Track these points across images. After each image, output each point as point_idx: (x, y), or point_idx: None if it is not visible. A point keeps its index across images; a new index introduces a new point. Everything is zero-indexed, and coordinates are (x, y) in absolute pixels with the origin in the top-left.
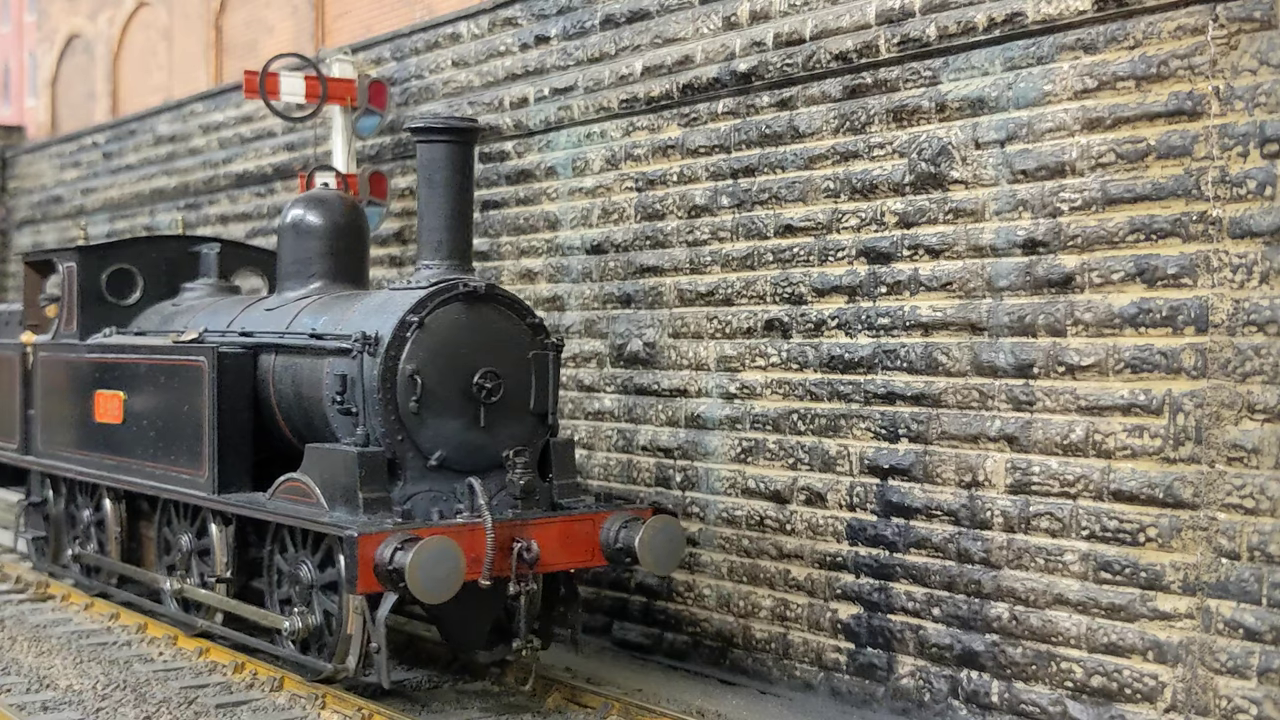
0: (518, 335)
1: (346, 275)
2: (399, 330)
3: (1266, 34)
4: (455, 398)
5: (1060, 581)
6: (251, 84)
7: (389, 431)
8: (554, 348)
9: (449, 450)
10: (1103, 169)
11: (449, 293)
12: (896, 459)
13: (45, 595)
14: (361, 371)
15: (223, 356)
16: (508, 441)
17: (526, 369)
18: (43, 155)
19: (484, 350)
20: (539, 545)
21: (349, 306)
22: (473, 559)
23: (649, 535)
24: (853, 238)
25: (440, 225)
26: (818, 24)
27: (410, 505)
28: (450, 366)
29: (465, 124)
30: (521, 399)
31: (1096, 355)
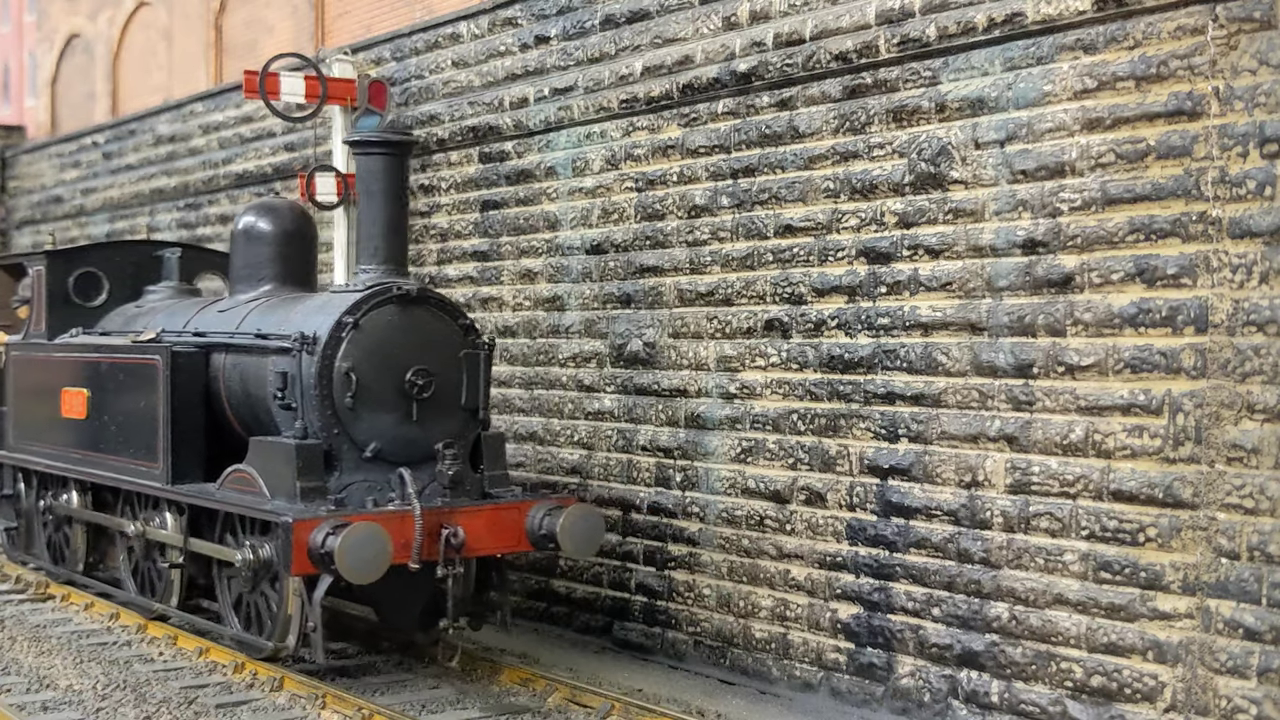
0: (449, 335)
1: (295, 278)
2: (335, 330)
3: (1266, 34)
4: (389, 393)
5: (1060, 581)
6: (251, 84)
7: (325, 425)
8: (484, 347)
9: (383, 443)
10: (1102, 169)
11: (383, 295)
12: (896, 459)
13: (45, 595)
14: (300, 369)
15: (176, 355)
16: (439, 435)
17: (458, 367)
18: (43, 155)
19: (416, 349)
20: (466, 531)
21: (293, 308)
22: (402, 544)
23: (569, 522)
24: (853, 238)
25: (377, 232)
26: (818, 24)
27: (345, 494)
28: (384, 364)
29: (400, 138)
30: (453, 395)
31: (1096, 355)
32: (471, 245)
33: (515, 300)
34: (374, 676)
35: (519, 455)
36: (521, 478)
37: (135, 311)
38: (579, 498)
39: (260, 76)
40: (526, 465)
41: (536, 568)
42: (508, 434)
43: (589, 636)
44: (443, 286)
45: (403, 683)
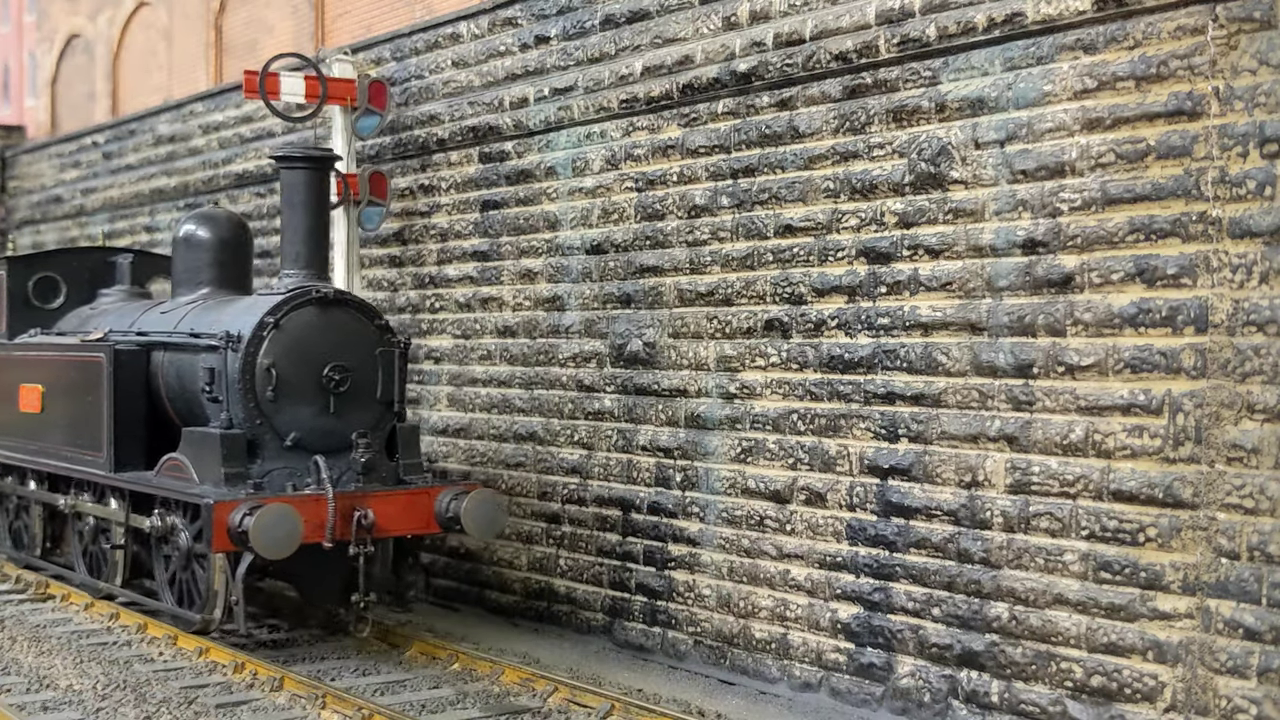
0: (366, 334)
1: (231, 282)
2: (257, 330)
3: (1266, 34)
4: (308, 387)
5: (1060, 581)
6: (251, 84)
7: (248, 416)
8: (399, 345)
9: (302, 433)
10: (1102, 169)
11: (303, 297)
12: (896, 459)
13: (45, 595)
14: (226, 365)
15: (119, 354)
16: (355, 426)
17: (374, 364)
18: (43, 155)
19: (334, 347)
20: (377, 514)
21: (224, 309)
22: (316, 525)
23: (471, 505)
24: (853, 238)
25: (298, 240)
26: (818, 24)
27: (267, 479)
28: (303, 360)
29: (321, 154)
30: (369, 389)
31: (1096, 355)
32: (471, 245)
33: (515, 300)
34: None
35: (519, 455)
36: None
37: (89, 313)
38: (484, 484)
39: (260, 76)
40: (527, 465)
41: (537, 568)
42: (508, 433)
43: (589, 636)
44: (443, 286)
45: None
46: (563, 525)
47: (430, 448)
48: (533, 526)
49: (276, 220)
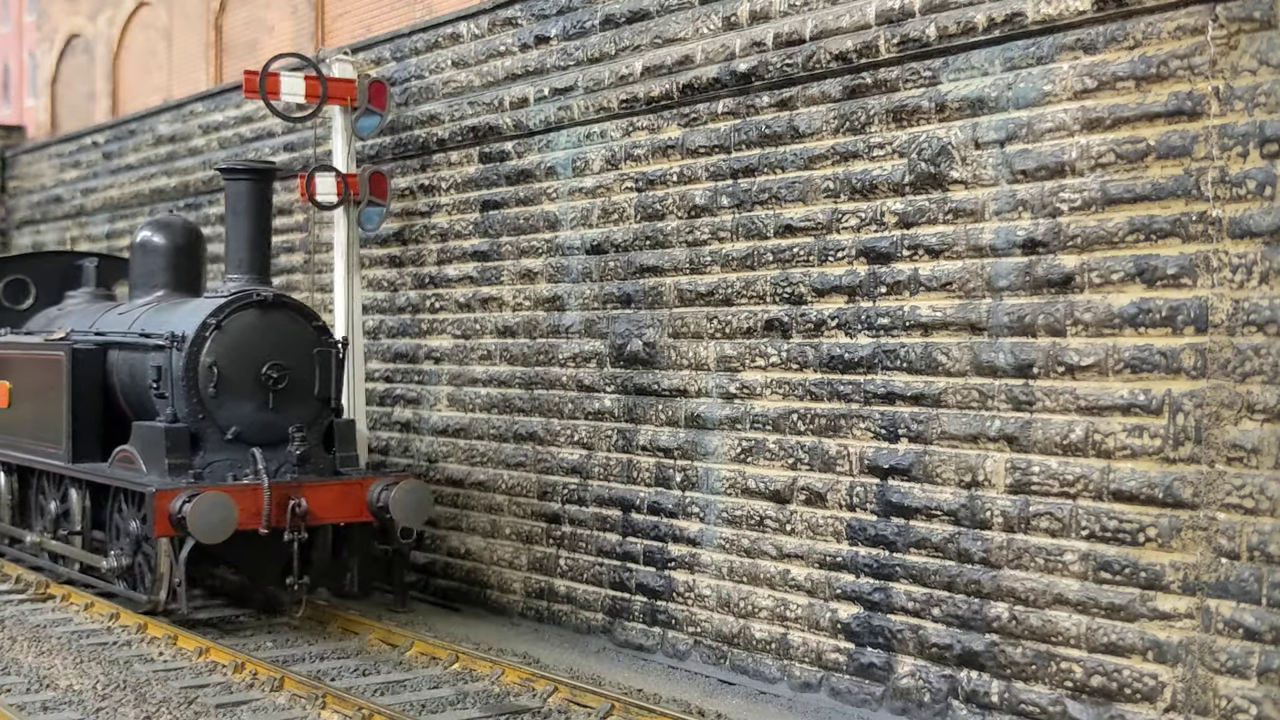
0: (304, 335)
1: (184, 285)
2: (200, 330)
3: (1266, 34)
4: (248, 384)
5: (1060, 581)
6: (251, 84)
7: (192, 411)
8: (336, 346)
9: (243, 426)
10: (1102, 169)
11: (244, 300)
12: (896, 459)
13: (45, 595)
14: (171, 363)
15: (77, 352)
16: (293, 420)
17: (311, 362)
18: (43, 155)
19: (273, 347)
20: (311, 502)
21: (173, 311)
22: (252, 512)
23: (399, 494)
24: (853, 238)
25: (241, 246)
26: (818, 24)
27: (208, 470)
28: (243, 359)
29: (263, 166)
30: (306, 386)
31: (1096, 355)
32: (471, 245)
33: (515, 300)
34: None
35: (519, 455)
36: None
37: (56, 314)
38: (414, 475)
39: (260, 76)
40: (527, 465)
41: (537, 568)
42: (508, 433)
43: (589, 636)
44: (443, 286)
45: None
46: (563, 525)
47: (430, 448)
48: (533, 526)
49: (277, 220)
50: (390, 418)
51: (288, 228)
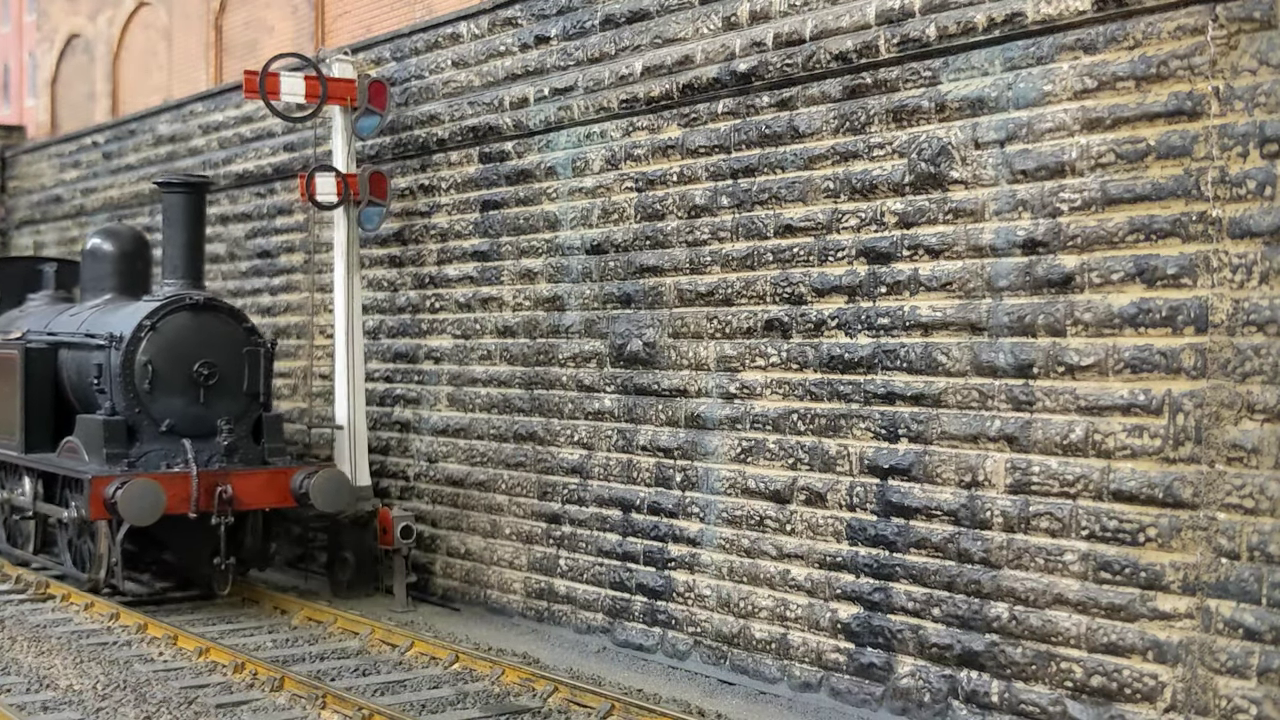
0: (234, 336)
1: (130, 289)
2: (136, 331)
3: (1266, 34)
4: (180, 381)
5: (1060, 581)
6: (251, 84)
7: (129, 405)
8: (264, 345)
9: (175, 419)
10: (1102, 169)
11: (177, 303)
12: (896, 459)
13: (45, 595)
14: (110, 361)
15: (29, 351)
16: (222, 414)
17: (240, 361)
18: (43, 155)
19: (204, 346)
20: (237, 489)
21: (116, 313)
22: (182, 498)
23: (318, 483)
24: (853, 238)
25: (176, 254)
26: (818, 24)
27: (143, 459)
28: (176, 358)
29: (197, 179)
30: (236, 383)
31: (1096, 355)
32: (471, 245)
33: (515, 300)
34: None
35: (519, 455)
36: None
37: (17, 315)
38: (334, 465)
39: (260, 76)
40: (527, 465)
41: (537, 568)
42: (508, 433)
43: (589, 636)
44: (443, 286)
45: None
46: (563, 525)
47: (430, 448)
48: (533, 527)
49: (277, 220)
50: (390, 418)
51: (288, 228)
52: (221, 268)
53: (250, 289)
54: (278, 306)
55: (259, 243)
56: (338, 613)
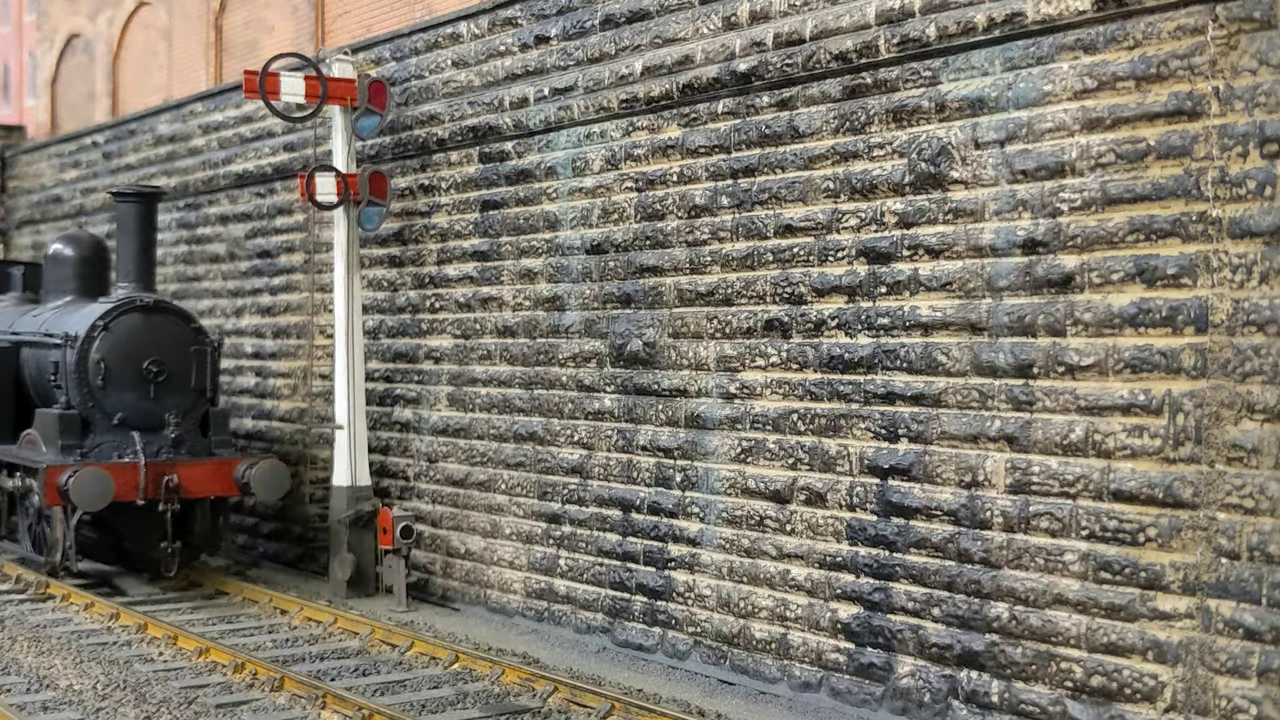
0: (182, 335)
1: (89, 291)
2: (90, 331)
3: (1266, 34)
4: (131, 377)
5: (1060, 581)
6: (251, 84)
7: (83, 400)
8: (211, 345)
9: (127, 413)
10: (1102, 169)
11: (129, 305)
12: (896, 459)
13: (45, 595)
14: (65, 359)
15: None
16: (170, 408)
17: (188, 359)
18: (43, 155)
19: (153, 345)
20: (182, 478)
21: (73, 314)
22: (130, 486)
23: (258, 472)
24: (853, 238)
25: (129, 259)
26: (818, 24)
27: (96, 450)
28: (128, 356)
29: (148, 190)
30: (184, 379)
31: (1096, 355)
32: (471, 245)
33: (515, 300)
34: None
35: (519, 455)
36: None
37: None
38: (276, 456)
39: (260, 76)
40: (527, 465)
41: (537, 568)
42: (508, 433)
43: (589, 636)
44: (443, 286)
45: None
46: (563, 525)
47: (430, 448)
48: (533, 527)
49: (277, 220)
50: (390, 418)
51: (288, 228)
52: (221, 267)
53: (250, 289)
54: (278, 306)
55: (259, 243)
56: (338, 613)
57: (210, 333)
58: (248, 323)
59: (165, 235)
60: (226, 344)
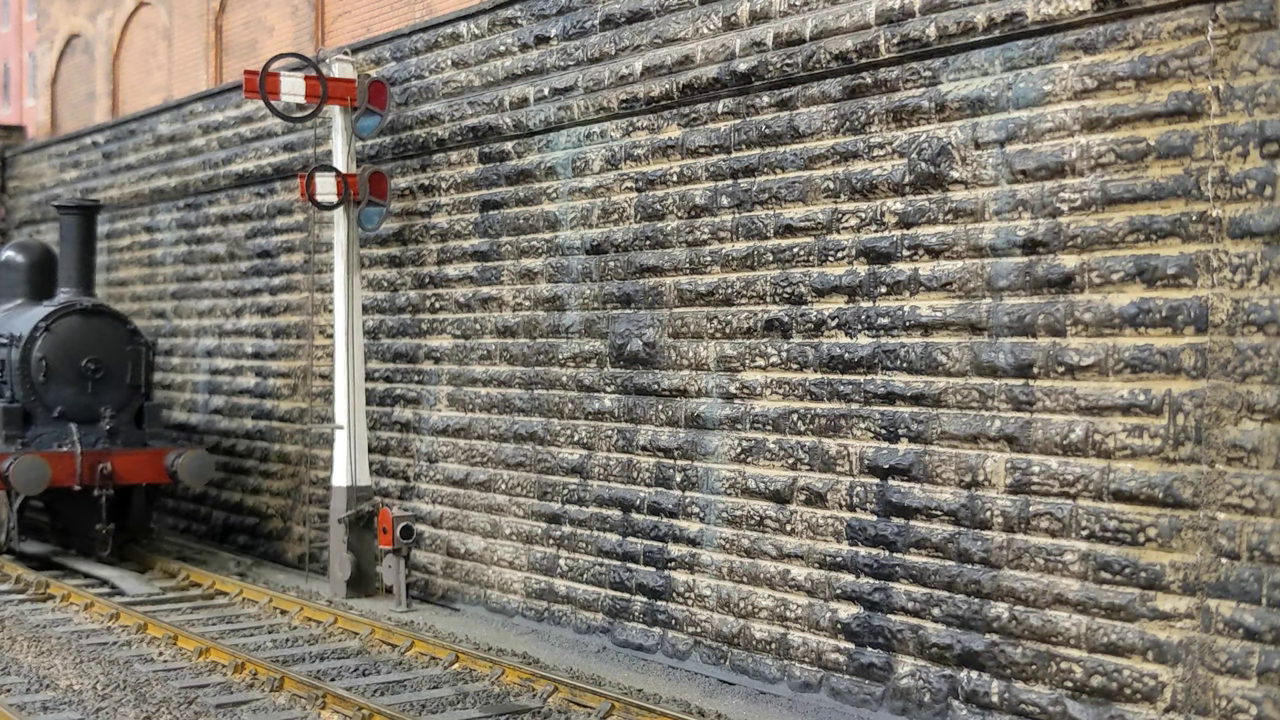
0: (119, 336)
1: (38, 295)
2: (33, 332)
3: (1266, 34)
4: (71, 374)
5: (1060, 581)
6: (251, 84)
7: (26, 394)
8: (146, 344)
9: (66, 407)
10: (1102, 169)
11: (69, 308)
12: (896, 459)
13: (45, 595)
14: (10, 357)
15: None
16: (106, 403)
17: (124, 358)
18: (43, 155)
19: (91, 345)
20: (116, 466)
21: (19, 316)
22: (67, 472)
23: (184, 461)
24: (853, 238)
25: (70, 266)
26: (818, 24)
27: (37, 440)
28: (68, 354)
29: (88, 204)
30: (120, 376)
31: (1096, 355)
32: (471, 245)
33: (515, 300)
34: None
35: (519, 455)
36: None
37: None
38: (204, 447)
39: (260, 76)
40: (527, 465)
41: (537, 568)
42: (508, 433)
43: (589, 636)
44: (443, 286)
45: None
46: (563, 525)
47: (430, 448)
48: (533, 527)
49: (277, 220)
50: (390, 418)
51: (288, 228)
52: (221, 267)
53: (250, 289)
54: (278, 306)
55: (259, 243)
56: (338, 613)
57: (145, 334)
58: (248, 323)
59: (165, 235)
60: (225, 344)
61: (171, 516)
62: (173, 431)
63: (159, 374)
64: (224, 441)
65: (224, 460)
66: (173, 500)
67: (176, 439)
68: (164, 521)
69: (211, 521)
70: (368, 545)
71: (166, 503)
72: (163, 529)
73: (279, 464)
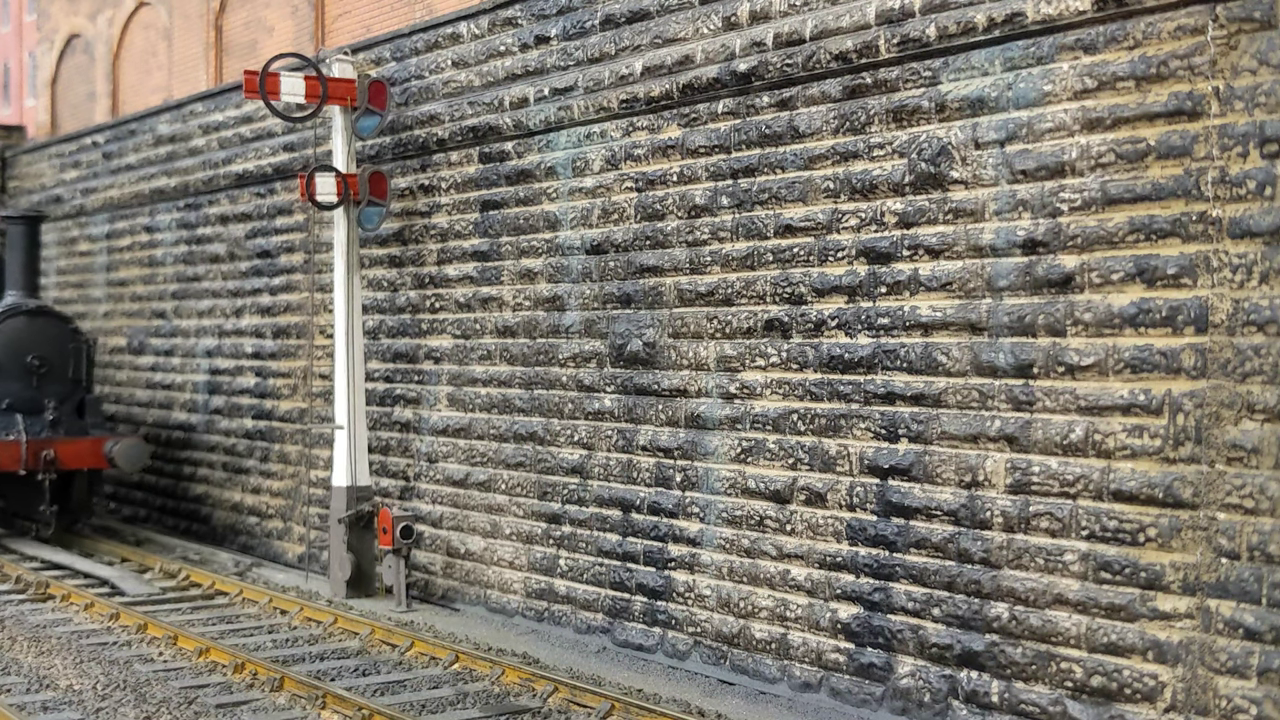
0: (61, 334)
1: None
2: None
3: (1266, 34)
4: (17, 370)
5: (1060, 581)
6: (251, 84)
7: None
8: (86, 342)
9: (12, 400)
10: (1103, 169)
11: (16, 310)
12: (896, 459)
13: (45, 595)
14: None
15: None
16: (50, 395)
17: (66, 355)
18: (43, 155)
19: (36, 343)
20: (59, 453)
21: None
22: (13, 458)
23: (121, 447)
24: (853, 238)
25: (17, 271)
26: (818, 24)
27: None
28: (14, 352)
29: (33, 214)
30: (62, 371)
31: (1096, 355)
32: (471, 245)
33: (515, 300)
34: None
35: (519, 455)
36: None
37: None
38: (141, 436)
39: (260, 76)
40: (527, 465)
41: (537, 568)
42: (508, 433)
43: (589, 636)
44: (443, 286)
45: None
46: (563, 525)
47: (430, 448)
48: (533, 527)
49: (277, 220)
50: (390, 418)
51: (288, 228)
52: (221, 267)
53: (250, 289)
54: (278, 306)
55: (259, 243)
56: (338, 613)
57: (86, 333)
58: (248, 323)
59: (165, 235)
60: (225, 344)
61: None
62: (111, 422)
63: (161, 374)
64: (224, 441)
65: (224, 460)
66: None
67: (115, 428)
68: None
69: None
70: (368, 545)
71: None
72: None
73: (279, 464)
